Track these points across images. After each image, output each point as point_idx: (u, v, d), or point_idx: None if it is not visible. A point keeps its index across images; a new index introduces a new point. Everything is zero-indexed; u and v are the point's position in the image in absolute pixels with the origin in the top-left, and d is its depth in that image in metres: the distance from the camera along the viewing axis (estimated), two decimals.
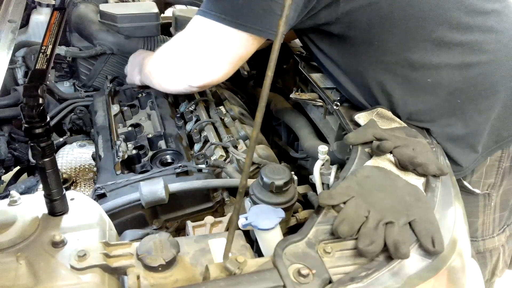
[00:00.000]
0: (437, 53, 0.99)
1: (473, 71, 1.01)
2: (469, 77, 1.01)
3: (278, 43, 0.52)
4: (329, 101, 1.16)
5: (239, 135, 1.21)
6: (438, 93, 1.03)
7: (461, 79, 1.01)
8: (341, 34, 1.01)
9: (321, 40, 1.07)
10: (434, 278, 0.68)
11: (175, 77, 1.12)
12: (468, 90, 1.02)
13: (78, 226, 0.71)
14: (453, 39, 0.98)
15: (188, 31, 1.06)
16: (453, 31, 0.98)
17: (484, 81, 1.02)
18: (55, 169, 0.68)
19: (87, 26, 1.53)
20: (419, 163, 0.85)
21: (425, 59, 0.99)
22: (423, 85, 1.01)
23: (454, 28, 0.98)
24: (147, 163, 1.12)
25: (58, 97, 1.52)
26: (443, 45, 0.98)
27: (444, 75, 1.00)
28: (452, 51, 0.99)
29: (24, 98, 0.62)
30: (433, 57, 0.99)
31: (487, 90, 1.03)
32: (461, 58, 0.99)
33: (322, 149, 0.95)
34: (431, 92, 1.02)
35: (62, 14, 0.79)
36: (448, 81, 1.01)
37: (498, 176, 1.19)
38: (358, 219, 0.71)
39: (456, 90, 1.02)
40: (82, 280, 0.61)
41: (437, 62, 0.99)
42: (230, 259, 0.63)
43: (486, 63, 1.01)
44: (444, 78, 1.01)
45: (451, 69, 1.00)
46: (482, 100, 1.04)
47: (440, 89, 1.02)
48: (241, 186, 0.61)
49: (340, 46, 1.05)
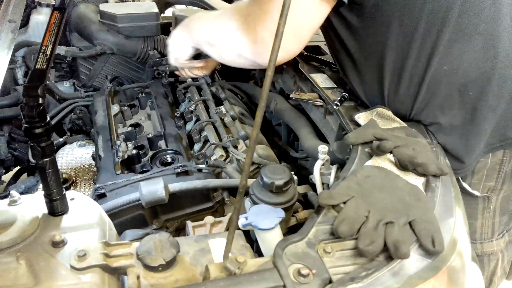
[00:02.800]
0: (459, 39, 0.96)
1: (490, 63, 0.99)
2: (486, 69, 0.99)
3: (278, 43, 0.52)
4: (329, 101, 1.16)
5: (239, 135, 1.21)
6: (452, 83, 1.01)
7: (477, 70, 0.99)
8: (374, 6, 0.97)
9: (352, 17, 1.02)
10: (434, 278, 0.68)
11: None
12: (481, 83, 1.01)
13: (78, 226, 0.71)
14: (478, 28, 0.96)
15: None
16: (479, 17, 0.95)
17: (498, 76, 1.01)
18: (55, 169, 0.68)
19: (87, 26, 1.53)
20: (419, 163, 0.84)
21: (446, 45, 0.97)
22: (439, 72, 1.00)
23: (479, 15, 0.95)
24: (147, 163, 1.12)
25: (58, 97, 1.52)
26: (467, 31, 0.96)
27: (460, 64, 0.99)
28: (474, 40, 0.97)
29: (24, 98, 0.62)
30: (455, 44, 0.97)
31: (500, 87, 1.03)
32: (481, 49, 0.97)
33: (322, 149, 0.95)
34: (445, 80, 1.01)
35: (62, 14, 0.79)
36: (464, 70, 0.99)
37: (499, 180, 1.18)
38: (358, 219, 0.71)
39: (471, 81, 1.01)
40: (82, 280, 0.61)
41: (457, 49, 0.97)
42: (230, 259, 0.63)
43: (504, 56, 0.99)
44: (460, 67, 0.99)
45: (469, 58, 0.98)
46: (493, 95, 1.03)
47: (454, 78, 1.00)
48: (241, 186, 0.61)
49: (368, 24, 1.01)
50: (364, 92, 1.12)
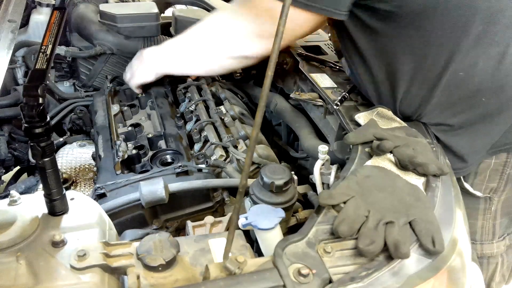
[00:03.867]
0: (476, 47, 0.96)
1: (504, 71, 0.99)
2: (500, 77, 1.00)
3: (278, 43, 0.52)
4: (329, 100, 1.16)
5: (239, 135, 1.21)
6: (466, 89, 1.01)
7: (491, 78, 0.99)
8: (392, 10, 0.96)
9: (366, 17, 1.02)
10: (434, 278, 0.68)
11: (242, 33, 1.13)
12: (495, 90, 1.01)
13: (78, 226, 0.71)
14: (496, 37, 0.96)
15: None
16: (502, 28, 0.95)
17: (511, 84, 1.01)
18: (55, 169, 0.68)
19: (87, 26, 1.53)
20: (419, 162, 0.84)
21: (464, 51, 0.97)
22: (454, 78, 1.00)
23: (498, 25, 0.95)
24: (147, 163, 1.12)
25: (58, 97, 1.52)
26: (486, 40, 0.96)
27: (476, 71, 0.99)
28: (491, 47, 0.97)
29: (24, 98, 0.62)
30: (472, 51, 0.97)
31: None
32: (497, 56, 0.98)
33: (322, 149, 0.95)
34: (460, 86, 1.01)
35: (62, 14, 0.79)
36: (480, 77, 0.99)
37: (502, 181, 1.19)
38: (358, 219, 0.71)
39: (485, 88, 1.01)
40: (82, 280, 0.61)
41: (474, 56, 0.97)
42: (230, 259, 0.63)
43: None
44: (476, 74, 0.99)
45: (485, 66, 0.98)
46: (505, 102, 1.03)
47: (469, 84, 1.00)
48: (241, 186, 0.61)
49: (384, 25, 1.00)
50: (374, 91, 1.11)
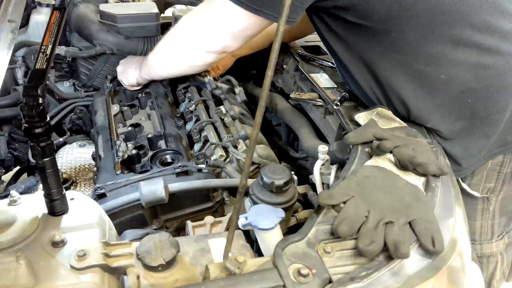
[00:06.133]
0: (454, 50, 0.97)
1: (487, 72, 0.99)
2: (483, 78, 1.00)
3: (278, 43, 0.52)
4: (329, 101, 1.16)
5: (239, 135, 1.21)
6: (449, 91, 1.01)
7: (474, 78, 1.00)
8: (357, 22, 0.98)
9: (336, 26, 1.04)
10: (434, 278, 0.68)
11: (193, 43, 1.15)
12: (480, 90, 1.01)
13: (78, 226, 0.71)
14: (472, 38, 0.96)
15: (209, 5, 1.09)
16: (474, 30, 0.96)
17: (498, 83, 1.01)
18: (55, 169, 0.68)
19: (87, 26, 1.52)
20: (419, 162, 0.84)
21: (441, 55, 0.97)
22: (435, 81, 1.00)
23: (475, 27, 0.95)
24: (147, 163, 1.12)
25: (58, 97, 1.52)
26: (461, 42, 0.96)
27: (458, 73, 0.99)
28: (469, 49, 0.97)
29: (24, 98, 0.62)
30: (450, 54, 0.97)
31: (499, 93, 1.02)
32: (477, 58, 0.98)
33: (322, 149, 0.95)
34: (443, 89, 1.01)
35: (62, 14, 0.79)
36: (462, 79, 1.00)
37: (499, 181, 1.19)
38: (358, 219, 0.71)
39: (469, 89, 1.01)
40: (82, 280, 0.61)
41: (453, 59, 0.98)
42: (230, 259, 0.63)
43: (502, 65, 0.99)
44: (458, 76, 0.99)
45: (466, 67, 0.99)
46: (493, 102, 1.03)
47: (452, 86, 1.01)
48: (241, 186, 0.61)
49: (355, 34, 1.02)
50: (361, 96, 1.13)
